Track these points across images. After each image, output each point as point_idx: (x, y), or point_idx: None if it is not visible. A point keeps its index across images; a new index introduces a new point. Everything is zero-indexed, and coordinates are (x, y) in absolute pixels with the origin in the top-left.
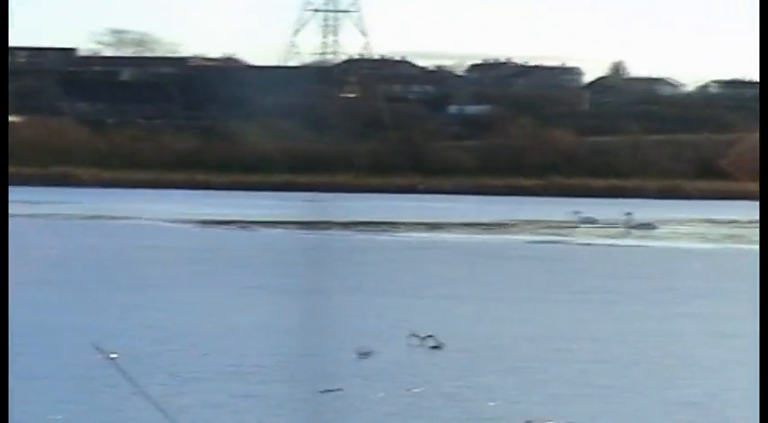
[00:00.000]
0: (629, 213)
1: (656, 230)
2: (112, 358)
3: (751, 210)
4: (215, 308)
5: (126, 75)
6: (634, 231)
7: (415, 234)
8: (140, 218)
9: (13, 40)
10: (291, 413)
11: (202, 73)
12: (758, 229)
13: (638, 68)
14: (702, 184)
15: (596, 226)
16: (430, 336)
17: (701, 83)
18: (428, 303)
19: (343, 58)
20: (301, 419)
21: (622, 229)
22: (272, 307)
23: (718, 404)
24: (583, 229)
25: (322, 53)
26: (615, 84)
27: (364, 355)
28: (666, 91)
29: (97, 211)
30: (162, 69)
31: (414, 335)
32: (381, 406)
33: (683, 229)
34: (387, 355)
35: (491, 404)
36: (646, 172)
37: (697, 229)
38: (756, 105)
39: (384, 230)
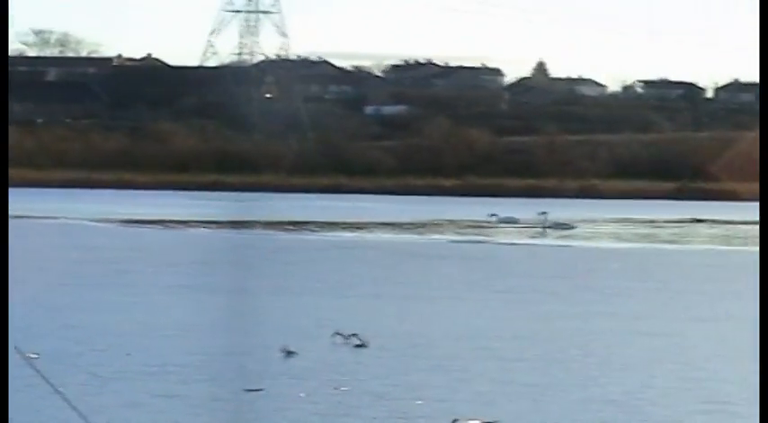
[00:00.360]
0: (543, 213)
1: (574, 230)
2: (32, 358)
3: (670, 208)
4: (139, 307)
5: (52, 75)
6: (551, 231)
7: (338, 234)
8: (66, 217)
9: None
10: (212, 413)
11: (126, 73)
12: (677, 228)
13: (562, 69)
14: (619, 184)
15: (516, 226)
16: (354, 334)
17: (625, 83)
18: (353, 302)
19: (261, 58)
20: (222, 419)
21: (539, 229)
22: (197, 306)
23: (637, 402)
24: (502, 228)
25: (240, 54)
26: (537, 84)
27: (289, 353)
28: (590, 91)
29: (22, 210)
30: (87, 69)
31: (338, 333)
32: (306, 405)
33: (600, 228)
34: (312, 354)
35: (418, 402)
36: (563, 172)
37: (614, 229)
38: (681, 104)
39: (308, 230)
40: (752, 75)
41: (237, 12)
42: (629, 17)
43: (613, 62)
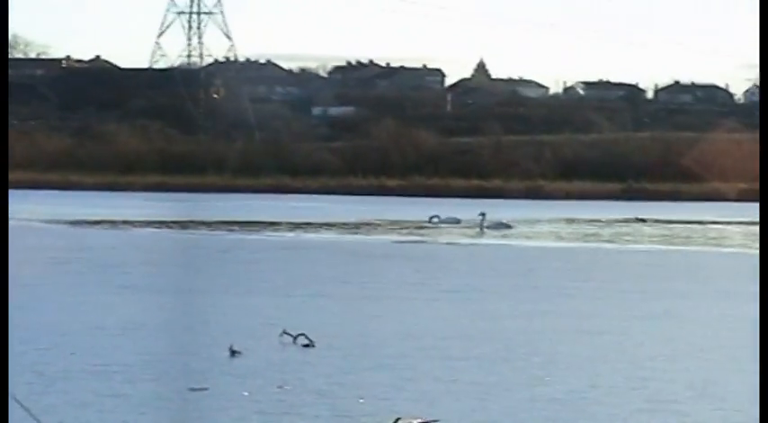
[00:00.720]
0: (482, 214)
1: (518, 230)
2: None
3: (614, 208)
4: (84, 307)
5: None
6: (490, 231)
7: (283, 234)
8: (14, 218)
9: None
10: (157, 411)
11: (75, 75)
12: (620, 228)
13: (502, 70)
14: (565, 185)
15: (460, 226)
16: (301, 334)
17: (566, 84)
18: (299, 302)
19: (209, 60)
20: (167, 418)
21: (479, 229)
22: (143, 306)
23: (582, 400)
24: (446, 228)
25: (188, 56)
26: (478, 85)
27: (235, 353)
28: (531, 93)
29: None
30: (35, 71)
31: (285, 333)
32: (249, 403)
33: (544, 228)
34: (258, 354)
35: (361, 401)
36: (507, 172)
37: (558, 229)
38: (622, 105)
39: (254, 230)
40: (691, 76)
41: (181, 13)
42: (569, 19)
43: (554, 64)
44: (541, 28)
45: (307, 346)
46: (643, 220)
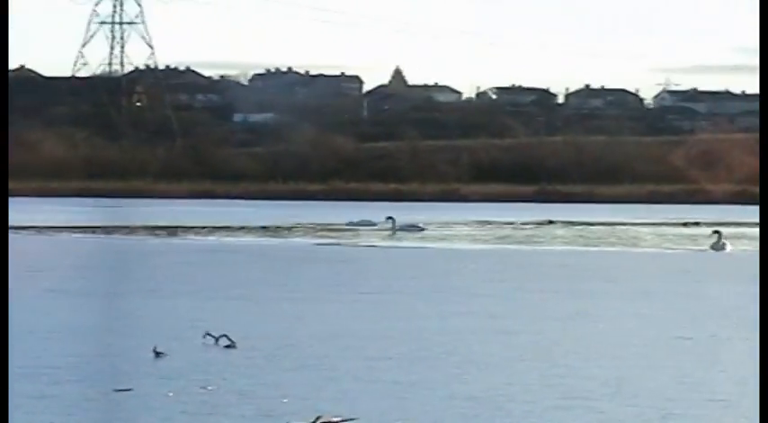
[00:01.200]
0: (390, 217)
1: (434, 232)
2: None
3: (528, 211)
4: (11, 311)
5: None
6: (403, 233)
7: (205, 238)
8: None
9: None
10: (84, 412)
11: None
12: (533, 230)
13: (419, 76)
14: (480, 188)
15: (376, 229)
16: (224, 335)
17: (479, 89)
18: (222, 304)
19: (131, 68)
20: (93, 418)
21: (390, 232)
22: (69, 309)
23: (499, 398)
24: (363, 231)
25: (109, 64)
26: (395, 91)
27: (159, 354)
28: (446, 98)
29: None
30: None
31: (208, 334)
32: (174, 404)
33: (461, 230)
34: (182, 355)
35: (284, 401)
36: (424, 176)
37: (473, 231)
38: (534, 110)
39: (177, 235)
40: (601, 81)
41: (103, 23)
42: (482, 26)
43: (468, 70)
44: (456, 35)
45: (229, 346)
46: (552, 222)
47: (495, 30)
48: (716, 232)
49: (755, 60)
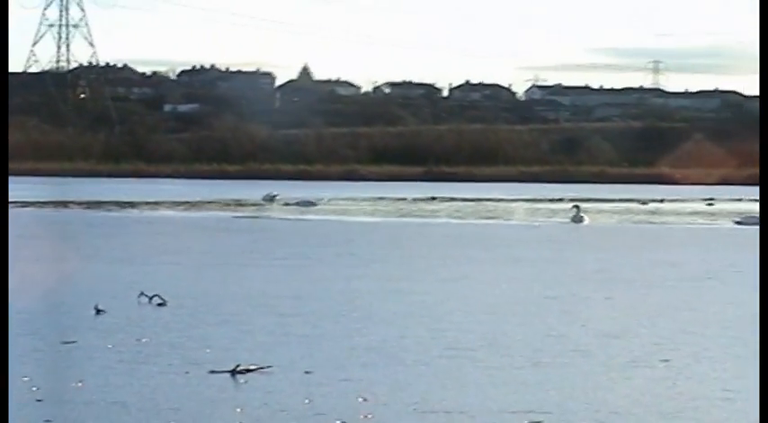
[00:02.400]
0: (273, 194)
1: (332, 207)
2: None
3: (417, 189)
4: None
5: None
6: (298, 207)
7: (140, 211)
8: None
9: None
10: (35, 361)
11: None
12: (422, 205)
13: (324, 73)
14: (376, 169)
15: (285, 204)
16: (156, 295)
17: (376, 84)
18: (155, 269)
19: (75, 65)
20: (43, 366)
21: (294, 206)
22: (20, 273)
23: (393, 349)
24: (275, 206)
25: (57, 61)
26: (303, 86)
27: (99, 311)
28: (347, 91)
29: None
30: None
31: (143, 294)
32: (112, 354)
33: (359, 205)
34: (119, 312)
35: (207, 351)
36: (328, 159)
37: (371, 206)
38: (422, 102)
39: (115, 209)
40: (479, 77)
41: (51, 26)
42: (379, 30)
43: (365, 67)
44: (357, 36)
45: (161, 305)
46: (435, 198)
47: (390, 32)
48: (575, 207)
49: (610, 59)
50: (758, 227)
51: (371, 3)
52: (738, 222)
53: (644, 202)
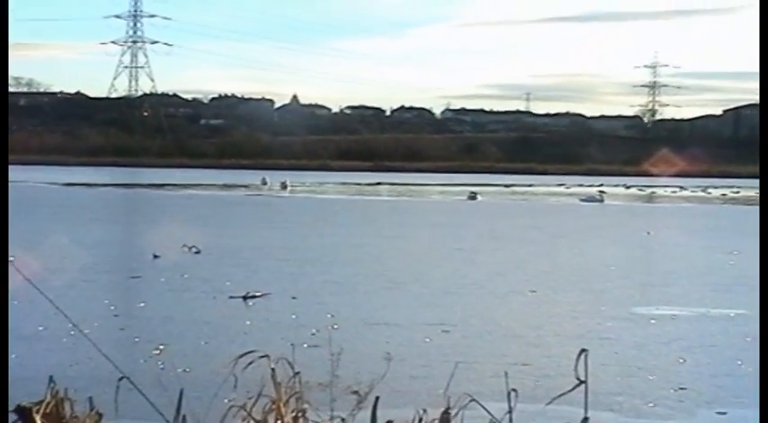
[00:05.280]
0: (264, 179)
1: (305, 187)
2: None
3: (368, 176)
4: (65, 229)
5: (22, 102)
6: (281, 190)
7: (185, 191)
8: (34, 182)
9: None
10: (114, 290)
11: (65, 101)
12: (371, 187)
13: (307, 99)
14: (340, 163)
15: (269, 187)
16: (194, 246)
17: (341, 107)
18: (193, 228)
19: (141, 93)
20: (119, 291)
21: (277, 188)
22: (103, 230)
23: (350, 281)
24: (266, 187)
25: (129, 91)
26: (293, 108)
27: (156, 257)
28: (322, 112)
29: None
30: (42, 99)
31: (185, 246)
32: (164, 285)
33: (330, 187)
34: (169, 257)
35: (227, 283)
36: (309, 156)
37: (337, 188)
38: (372, 119)
39: (168, 189)
40: (411, 102)
41: (126, 67)
42: (344, 70)
43: (334, 95)
44: (326, 76)
45: (197, 253)
46: (380, 184)
47: (351, 72)
48: (471, 194)
49: (497, 91)
50: (594, 203)
51: (340, 52)
52: (582, 200)
53: (518, 186)
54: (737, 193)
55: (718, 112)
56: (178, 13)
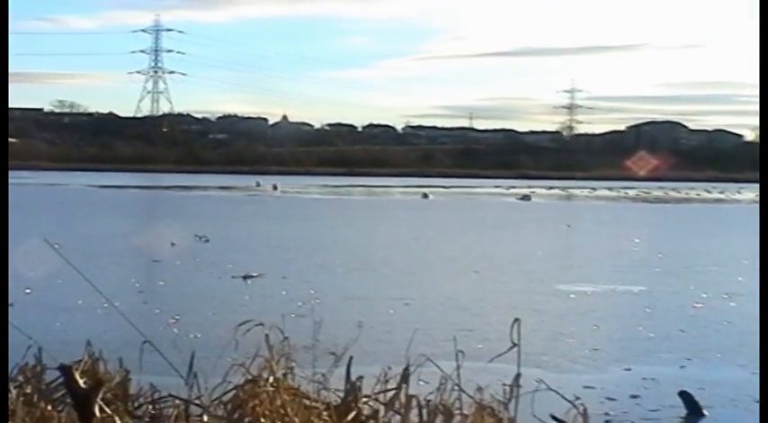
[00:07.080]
0: (258, 182)
1: (294, 188)
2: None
3: (341, 180)
4: (100, 222)
5: (66, 120)
6: (272, 191)
7: (196, 192)
8: (71, 185)
9: None
10: (139, 271)
11: (98, 119)
12: (343, 188)
13: (295, 117)
14: (321, 169)
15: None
16: (204, 236)
17: (322, 123)
18: (204, 222)
19: (161, 113)
20: (144, 272)
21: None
22: (129, 225)
23: (330, 265)
24: (260, 188)
25: (152, 111)
26: (284, 125)
27: (173, 244)
28: (306, 128)
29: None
30: (82, 117)
31: (197, 235)
32: (180, 267)
33: (313, 189)
34: (183, 245)
35: (230, 265)
36: (297, 164)
37: (318, 189)
38: (347, 134)
39: (182, 190)
40: (379, 119)
41: (149, 92)
42: (325, 93)
43: (316, 115)
44: (311, 99)
45: (206, 241)
46: (357, 186)
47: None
48: (424, 194)
49: (447, 111)
50: (528, 202)
51: (322, 80)
52: (520, 198)
53: (463, 187)
54: (639, 194)
55: (623, 128)
56: (191, 48)
